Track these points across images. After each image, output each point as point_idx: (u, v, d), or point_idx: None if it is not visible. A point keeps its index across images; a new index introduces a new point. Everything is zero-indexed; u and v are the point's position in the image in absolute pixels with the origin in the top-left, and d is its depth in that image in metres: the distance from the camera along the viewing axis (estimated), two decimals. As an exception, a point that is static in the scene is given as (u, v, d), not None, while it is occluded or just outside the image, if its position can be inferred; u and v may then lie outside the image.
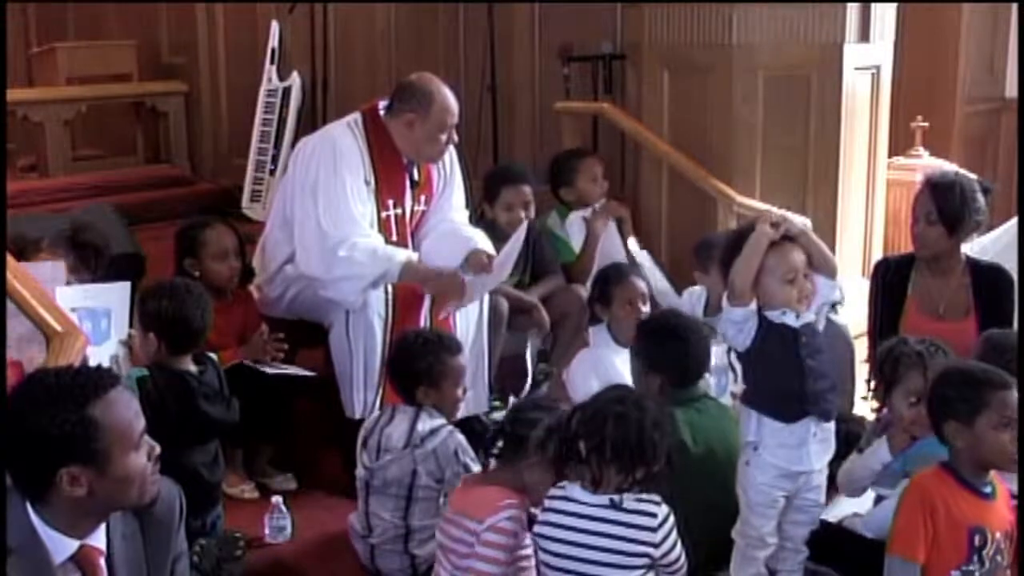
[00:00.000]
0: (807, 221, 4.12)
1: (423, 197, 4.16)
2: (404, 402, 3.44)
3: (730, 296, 2.96)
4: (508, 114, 6.41)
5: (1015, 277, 3.81)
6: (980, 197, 3.81)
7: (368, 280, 3.84)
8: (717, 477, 3.18)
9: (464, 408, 3.60)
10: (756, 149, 5.06)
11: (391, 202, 4.04)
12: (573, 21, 6.28)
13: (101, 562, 2.24)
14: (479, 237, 4.12)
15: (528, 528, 2.89)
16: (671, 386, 3.42)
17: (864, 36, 5.09)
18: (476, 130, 6.18)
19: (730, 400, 3.72)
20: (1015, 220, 4.52)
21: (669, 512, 2.74)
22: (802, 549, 3.13)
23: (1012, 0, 6.73)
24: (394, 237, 4.03)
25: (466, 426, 3.68)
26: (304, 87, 6.36)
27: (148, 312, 3.38)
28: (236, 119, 6.98)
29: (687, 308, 3.98)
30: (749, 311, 2.96)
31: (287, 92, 6.34)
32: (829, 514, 3.32)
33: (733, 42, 4.98)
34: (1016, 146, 6.12)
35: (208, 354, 3.51)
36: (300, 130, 6.00)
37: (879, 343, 3.43)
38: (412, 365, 3.39)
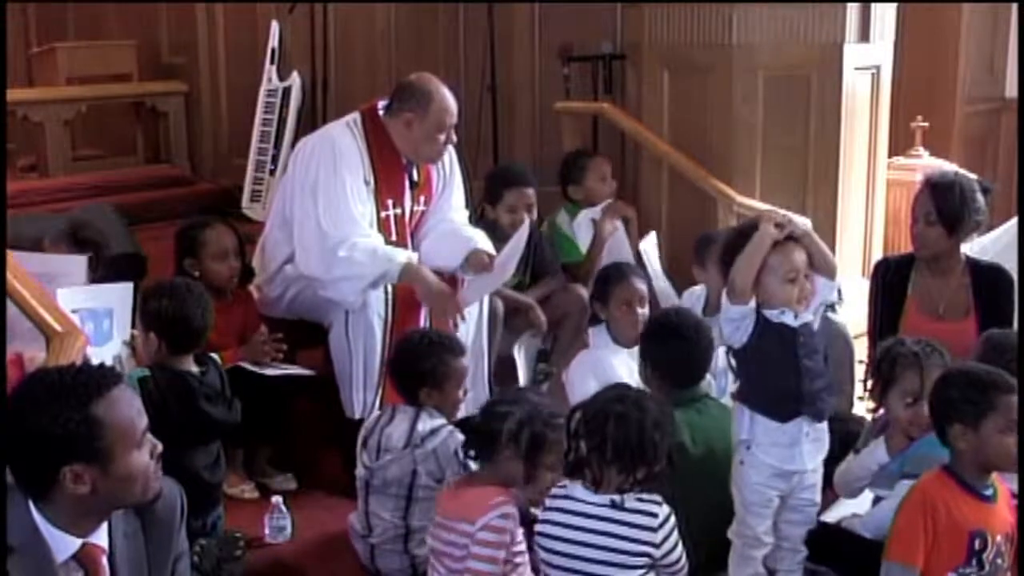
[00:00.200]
0: (807, 221, 4.11)
1: (422, 197, 4.16)
2: (405, 402, 3.44)
3: (730, 293, 2.97)
4: (508, 114, 6.42)
5: (1015, 277, 3.80)
6: (980, 197, 3.81)
7: (368, 280, 3.83)
8: (717, 477, 3.17)
9: (463, 408, 3.60)
10: (756, 149, 5.06)
11: (390, 202, 4.04)
12: (573, 21, 6.29)
13: (103, 561, 2.25)
14: (479, 237, 4.12)
15: (524, 525, 2.90)
16: (671, 386, 3.43)
17: (864, 36, 5.09)
18: (476, 130, 6.18)
19: (730, 402, 3.71)
20: (1015, 220, 4.53)
21: (670, 513, 2.74)
22: (800, 548, 3.13)
23: (1012, 0, 6.73)
24: (393, 237, 4.03)
25: (465, 426, 3.67)
26: (304, 87, 6.35)
27: (149, 311, 3.38)
28: (236, 119, 6.97)
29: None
30: (748, 309, 2.96)
31: (287, 92, 6.33)
32: (828, 515, 3.32)
33: (733, 42, 4.98)
34: (1016, 146, 6.13)
35: (210, 355, 3.51)
36: (300, 130, 5.99)
37: (879, 343, 3.42)
38: (416, 366, 3.38)
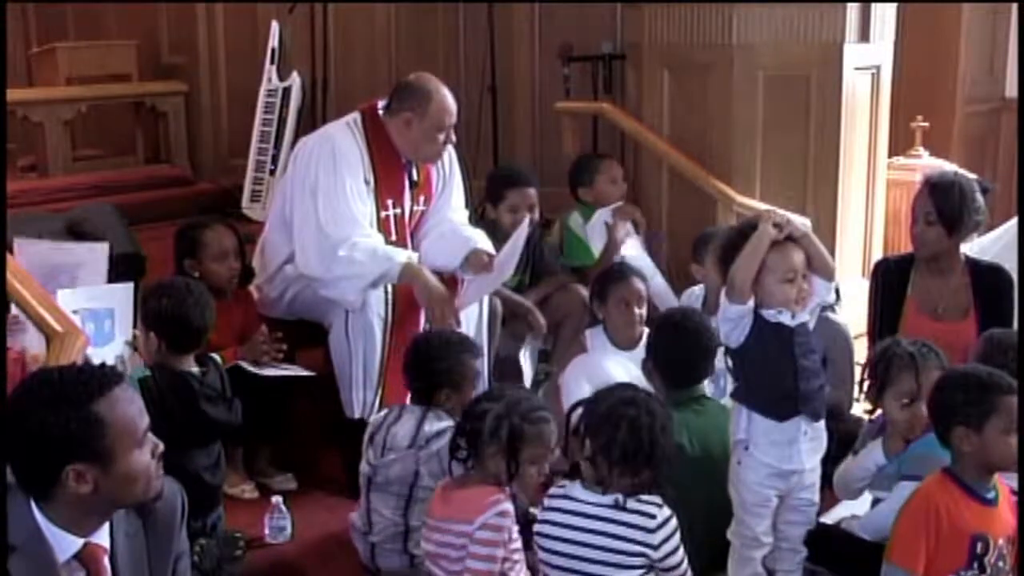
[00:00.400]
0: (807, 221, 4.11)
1: (422, 197, 4.16)
2: (417, 402, 3.44)
3: (729, 292, 2.96)
4: (508, 114, 6.42)
5: (1015, 277, 3.80)
6: (979, 197, 3.80)
7: (368, 280, 3.83)
8: (716, 478, 3.17)
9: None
10: (756, 149, 5.06)
11: (390, 202, 4.04)
12: (573, 21, 6.30)
13: (105, 560, 2.24)
14: (479, 237, 4.11)
15: (522, 524, 2.90)
16: (672, 385, 3.43)
17: (864, 36, 5.09)
18: (476, 130, 6.19)
19: (729, 403, 3.71)
20: (1015, 220, 4.52)
21: (671, 516, 2.73)
22: (799, 548, 3.12)
23: (1012, 0, 6.73)
24: (393, 237, 4.02)
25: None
26: (304, 87, 6.35)
27: (149, 311, 3.38)
28: (236, 119, 6.97)
29: (685, 309, 3.98)
30: (746, 309, 2.96)
31: (287, 92, 6.32)
32: (827, 516, 3.32)
33: (733, 42, 4.98)
34: (1016, 146, 6.13)
35: (211, 355, 3.50)
36: (300, 130, 5.99)
37: (879, 343, 3.43)
38: (433, 367, 3.38)
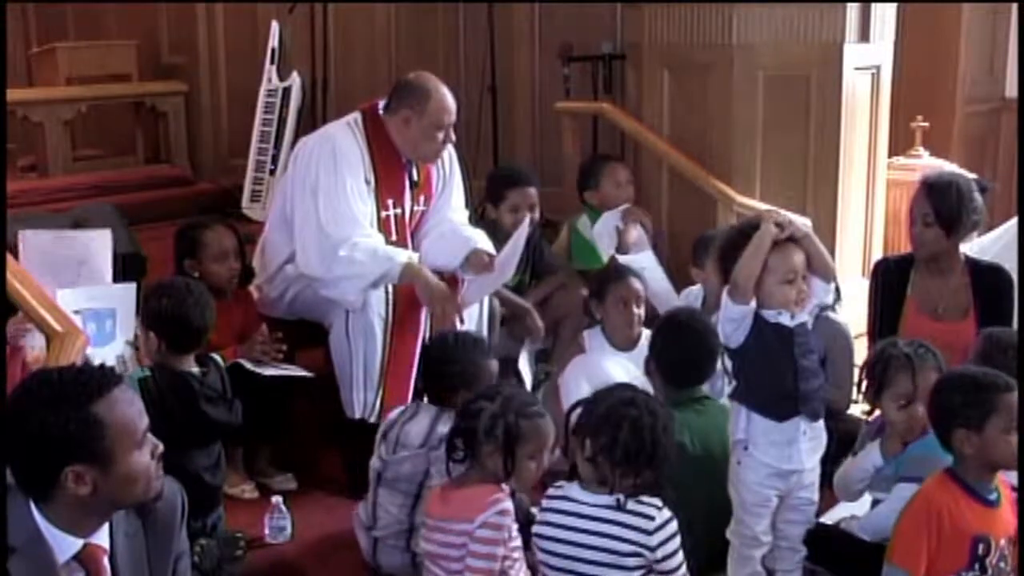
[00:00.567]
0: (807, 222, 4.11)
1: (422, 197, 4.15)
2: (431, 402, 3.45)
3: (731, 293, 2.96)
4: (508, 114, 6.42)
5: (1015, 277, 3.80)
6: (977, 197, 3.80)
7: (368, 280, 3.82)
8: (716, 478, 3.17)
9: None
10: (756, 149, 5.06)
11: (391, 202, 4.03)
12: (573, 21, 6.29)
13: (105, 561, 2.24)
14: (479, 237, 4.11)
15: (523, 523, 2.90)
16: (673, 385, 3.43)
17: (864, 36, 5.09)
18: (476, 130, 6.19)
19: (728, 403, 3.71)
20: (1015, 220, 4.52)
21: (670, 518, 2.72)
22: (799, 548, 3.13)
23: (1012, 0, 6.73)
24: (393, 237, 4.02)
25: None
26: (304, 87, 6.35)
27: (149, 311, 3.38)
28: (236, 119, 6.97)
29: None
30: (748, 309, 2.96)
31: (287, 92, 6.32)
32: (826, 516, 3.32)
33: (733, 42, 4.98)
34: (1016, 146, 6.13)
35: (212, 355, 3.50)
36: (300, 130, 5.99)
37: (876, 344, 3.42)
38: (450, 368, 3.40)
